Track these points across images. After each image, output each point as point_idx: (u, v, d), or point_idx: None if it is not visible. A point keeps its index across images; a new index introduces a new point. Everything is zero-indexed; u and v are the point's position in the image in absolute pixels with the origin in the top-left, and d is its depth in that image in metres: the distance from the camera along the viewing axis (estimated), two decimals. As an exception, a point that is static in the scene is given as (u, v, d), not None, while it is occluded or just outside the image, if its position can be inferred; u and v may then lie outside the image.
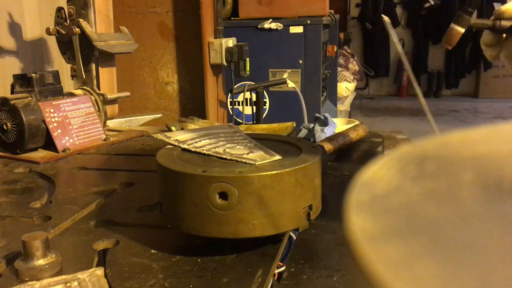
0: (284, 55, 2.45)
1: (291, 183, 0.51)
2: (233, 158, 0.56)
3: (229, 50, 2.06)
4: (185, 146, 0.61)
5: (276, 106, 2.51)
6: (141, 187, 0.79)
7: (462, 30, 0.68)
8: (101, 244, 0.57)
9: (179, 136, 0.64)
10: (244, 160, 0.54)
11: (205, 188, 0.50)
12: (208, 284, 0.48)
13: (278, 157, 0.55)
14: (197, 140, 0.63)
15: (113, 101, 1.24)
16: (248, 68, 2.15)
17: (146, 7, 2.20)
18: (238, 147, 0.60)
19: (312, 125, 1.06)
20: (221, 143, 0.62)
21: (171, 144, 0.62)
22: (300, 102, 1.93)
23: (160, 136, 0.64)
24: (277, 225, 0.52)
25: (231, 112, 2.24)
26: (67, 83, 1.47)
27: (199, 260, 0.52)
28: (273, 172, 0.50)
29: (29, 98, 1.02)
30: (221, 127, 0.70)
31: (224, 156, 0.57)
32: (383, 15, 0.71)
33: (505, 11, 0.73)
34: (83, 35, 1.19)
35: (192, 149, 0.60)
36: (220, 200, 0.50)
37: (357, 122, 1.13)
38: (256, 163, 0.53)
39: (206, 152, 0.58)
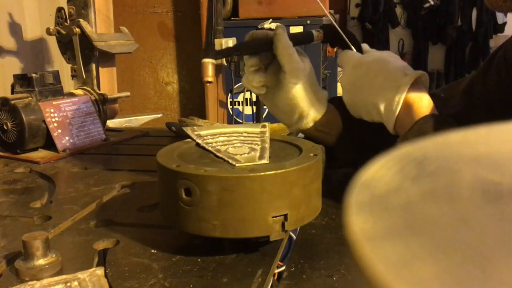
0: (284, 55, 2.45)
1: (254, 189, 0.49)
2: (224, 156, 0.56)
3: (229, 50, 2.06)
4: (199, 141, 0.62)
5: (276, 106, 2.50)
6: (141, 187, 0.79)
7: (212, 60, 0.72)
8: (101, 244, 0.57)
9: (203, 131, 0.65)
10: (230, 160, 0.54)
11: (176, 182, 0.51)
12: (208, 284, 0.48)
13: (264, 161, 0.54)
14: (215, 136, 0.64)
15: (113, 101, 1.24)
16: (248, 68, 2.14)
17: (146, 7, 2.20)
18: (244, 146, 0.60)
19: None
20: (234, 141, 0.62)
21: (191, 138, 0.63)
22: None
23: (188, 129, 0.66)
24: (239, 230, 0.50)
25: (231, 112, 2.24)
26: (67, 83, 1.47)
27: (199, 260, 0.52)
28: (233, 175, 0.49)
29: (30, 98, 1.02)
30: (252, 125, 0.68)
31: (219, 155, 0.57)
32: None
33: (253, 33, 0.76)
34: (83, 35, 1.19)
35: (202, 144, 0.61)
36: (186, 196, 0.51)
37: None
38: (236, 164, 0.53)
39: (210, 149, 0.59)
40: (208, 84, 0.72)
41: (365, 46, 0.77)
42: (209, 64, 0.72)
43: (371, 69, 0.71)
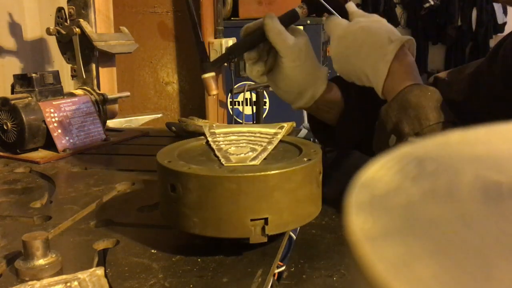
0: (284, 55, 2.45)
1: (231, 189, 0.49)
2: (220, 155, 0.56)
3: (229, 50, 2.05)
4: (209, 138, 0.62)
5: (276, 106, 2.51)
6: (141, 187, 0.79)
7: (212, 74, 0.73)
8: (101, 244, 0.57)
9: (218, 129, 0.66)
10: (222, 159, 0.55)
11: (165, 178, 0.52)
12: (208, 284, 0.48)
13: (255, 162, 0.54)
14: (227, 135, 0.64)
15: (113, 101, 1.24)
16: (248, 68, 2.14)
17: (146, 7, 2.21)
18: (247, 146, 0.60)
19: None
20: (242, 141, 0.62)
21: (204, 135, 0.64)
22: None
23: (206, 126, 0.67)
24: (217, 229, 0.50)
25: (231, 112, 2.24)
26: (67, 83, 1.47)
27: (199, 260, 0.52)
28: (211, 174, 0.50)
29: (29, 98, 1.02)
30: (270, 126, 0.68)
31: (216, 153, 0.57)
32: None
33: (246, 27, 0.78)
34: (83, 35, 1.19)
35: (210, 142, 0.61)
36: (171, 191, 0.52)
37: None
38: (225, 164, 0.53)
39: (214, 147, 0.60)
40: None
41: (350, 6, 0.78)
42: (209, 78, 0.73)
43: (357, 38, 0.72)
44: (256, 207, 0.50)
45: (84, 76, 1.21)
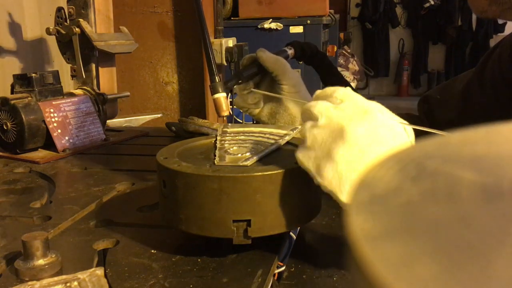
0: (284, 55, 2.45)
1: (212, 189, 0.49)
2: (217, 154, 0.57)
3: (229, 50, 2.05)
4: (219, 137, 0.63)
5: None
6: (141, 187, 0.79)
7: (223, 94, 0.72)
8: (101, 244, 0.57)
9: (230, 128, 0.66)
10: (217, 158, 0.55)
11: (159, 174, 0.54)
12: (208, 284, 0.48)
13: (246, 163, 0.53)
14: (237, 134, 0.64)
15: (113, 101, 1.24)
16: (248, 68, 2.14)
17: (146, 7, 2.20)
18: (249, 147, 0.60)
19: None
20: (248, 141, 0.62)
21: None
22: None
23: (220, 126, 0.68)
24: (201, 227, 0.51)
25: (231, 112, 2.24)
26: (67, 83, 1.47)
27: (199, 260, 0.52)
28: (194, 172, 0.50)
29: (29, 98, 1.02)
30: (283, 127, 0.67)
31: (215, 152, 0.58)
32: None
33: (246, 59, 0.81)
34: (83, 35, 1.19)
35: (217, 141, 0.62)
36: (163, 187, 0.53)
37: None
38: (217, 163, 0.54)
39: (218, 145, 0.60)
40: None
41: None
42: (220, 99, 0.72)
43: None
44: (238, 209, 0.49)
45: (84, 76, 1.21)
